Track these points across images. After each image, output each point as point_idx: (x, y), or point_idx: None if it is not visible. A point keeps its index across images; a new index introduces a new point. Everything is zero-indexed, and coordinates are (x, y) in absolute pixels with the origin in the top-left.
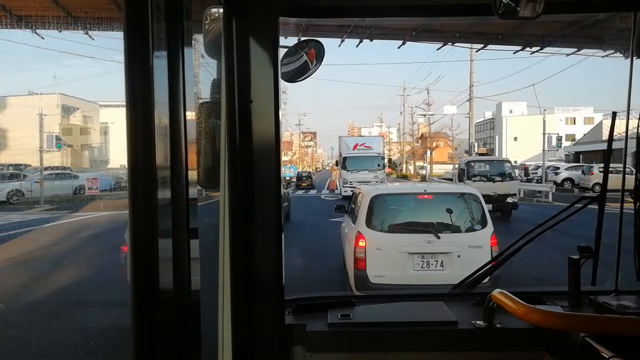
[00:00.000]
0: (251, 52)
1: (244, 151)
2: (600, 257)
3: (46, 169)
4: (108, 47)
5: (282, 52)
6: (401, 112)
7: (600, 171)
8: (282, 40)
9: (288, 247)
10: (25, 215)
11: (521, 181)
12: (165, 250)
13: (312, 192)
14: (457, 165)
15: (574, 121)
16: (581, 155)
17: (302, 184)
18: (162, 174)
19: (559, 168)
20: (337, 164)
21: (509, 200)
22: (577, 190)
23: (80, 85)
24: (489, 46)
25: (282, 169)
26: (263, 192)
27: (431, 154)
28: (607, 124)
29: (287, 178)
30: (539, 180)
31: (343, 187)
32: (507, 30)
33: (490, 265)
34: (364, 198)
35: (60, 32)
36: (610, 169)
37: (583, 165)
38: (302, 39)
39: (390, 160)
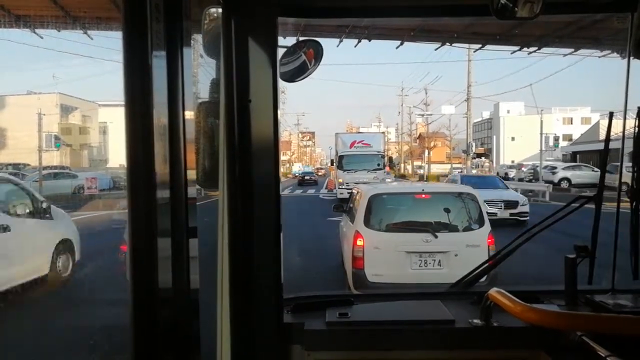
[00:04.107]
0: (250, 52)
1: (243, 151)
2: (597, 257)
3: (45, 168)
4: (107, 47)
5: (280, 52)
6: (399, 112)
7: (628, 171)
8: (281, 40)
9: (286, 246)
10: None
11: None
12: (165, 249)
13: (311, 191)
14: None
15: (571, 121)
16: (578, 155)
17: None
18: (161, 173)
19: (556, 167)
20: (332, 162)
21: None
22: (575, 191)
23: (79, 85)
24: (487, 46)
25: (301, 168)
26: (262, 191)
27: (429, 153)
28: (604, 124)
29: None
30: (531, 180)
31: (339, 188)
32: (505, 31)
33: (487, 264)
34: (362, 197)
35: (59, 31)
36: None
37: (591, 164)
38: (301, 39)
39: (390, 159)
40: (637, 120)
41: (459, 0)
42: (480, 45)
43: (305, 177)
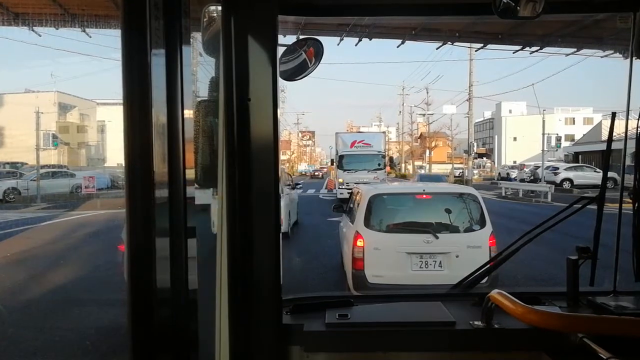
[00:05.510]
0: (249, 50)
1: (242, 150)
2: (599, 258)
3: (43, 167)
4: (105, 45)
5: (280, 50)
6: (400, 112)
7: None
8: (281, 39)
9: (286, 247)
10: (22, 214)
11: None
12: (163, 249)
13: (310, 191)
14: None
15: (573, 121)
16: (580, 156)
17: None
18: (160, 172)
19: (558, 168)
20: (332, 162)
21: None
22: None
23: (78, 83)
24: (489, 46)
25: (306, 167)
26: (261, 191)
27: (430, 153)
28: (606, 124)
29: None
30: (533, 180)
31: (339, 188)
32: (507, 30)
33: (488, 265)
34: (362, 198)
35: (57, 29)
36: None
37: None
38: (301, 37)
39: (391, 159)
40: (639, 121)
41: None
42: (482, 45)
43: (315, 173)
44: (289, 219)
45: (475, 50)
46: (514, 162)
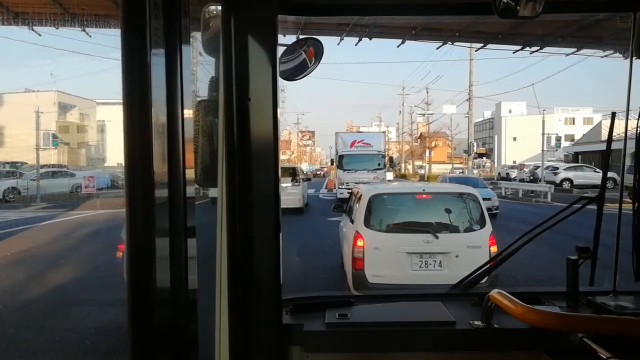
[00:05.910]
0: (249, 50)
1: (242, 150)
2: (599, 258)
3: (43, 166)
4: (105, 45)
5: (280, 50)
6: (400, 112)
7: None
8: (281, 38)
9: (286, 246)
10: (22, 213)
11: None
12: (163, 249)
13: (310, 191)
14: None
15: (573, 121)
16: (580, 156)
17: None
18: (160, 172)
19: (557, 168)
20: (332, 162)
21: None
22: (576, 191)
23: (77, 83)
24: (489, 45)
25: (307, 166)
26: (261, 191)
27: (430, 153)
28: (606, 124)
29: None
30: (532, 180)
31: (339, 188)
32: (507, 30)
33: (488, 265)
34: (363, 197)
35: (57, 29)
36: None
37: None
38: (301, 37)
39: (391, 159)
40: (639, 121)
41: None
42: (482, 45)
43: (317, 172)
44: (303, 200)
45: (475, 50)
46: (514, 162)
